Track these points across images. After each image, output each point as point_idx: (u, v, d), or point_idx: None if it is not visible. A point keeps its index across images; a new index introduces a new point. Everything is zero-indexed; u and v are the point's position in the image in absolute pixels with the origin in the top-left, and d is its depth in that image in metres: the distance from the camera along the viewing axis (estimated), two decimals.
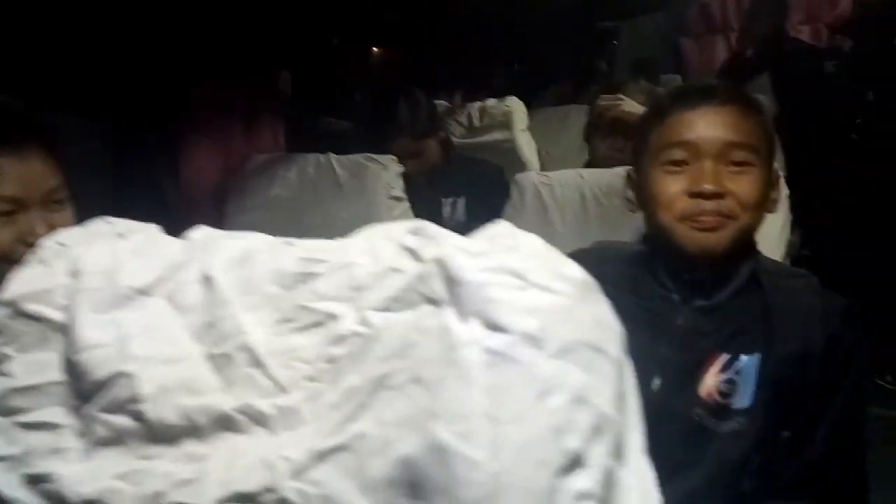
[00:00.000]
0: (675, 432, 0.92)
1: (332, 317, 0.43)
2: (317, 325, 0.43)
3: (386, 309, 0.41)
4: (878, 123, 2.54)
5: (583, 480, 0.32)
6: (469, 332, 0.36)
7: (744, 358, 0.91)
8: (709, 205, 0.90)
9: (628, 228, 1.13)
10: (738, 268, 0.95)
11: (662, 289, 0.98)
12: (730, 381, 0.91)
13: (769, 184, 0.95)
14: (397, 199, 1.57)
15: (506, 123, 2.18)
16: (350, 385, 0.39)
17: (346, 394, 0.39)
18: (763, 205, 0.94)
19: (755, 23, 2.96)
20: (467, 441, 0.33)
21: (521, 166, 2.12)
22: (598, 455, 0.33)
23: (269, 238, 0.52)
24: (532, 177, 1.55)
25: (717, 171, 0.90)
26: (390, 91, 1.90)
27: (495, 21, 3.33)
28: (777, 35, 2.87)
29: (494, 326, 0.35)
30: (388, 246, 0.43)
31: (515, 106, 2.18)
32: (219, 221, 1.69)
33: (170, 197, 1.76)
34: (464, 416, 0.33)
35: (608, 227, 1.44)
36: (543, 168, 2.24)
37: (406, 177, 1.73)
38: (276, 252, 0.49)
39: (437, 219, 1.80)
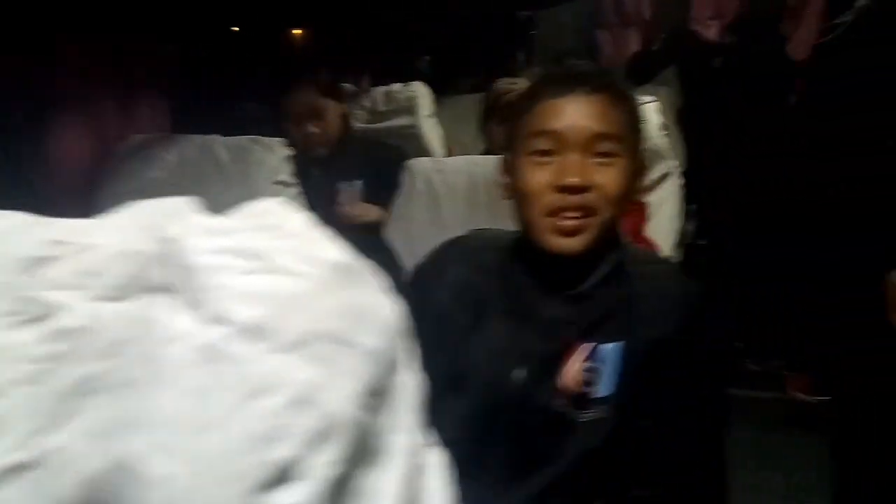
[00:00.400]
0: (537, 423, 0.91)
1: (57, 308, 0.37)
2: (41, 318, 0.37)
3: (113, 298, 0.35)
4: (766, 120, 2.65)
5: (293, 495, 0.28)
6: (185, 324, 0.30)
7: (606, 346, 0.91)
8: (574, 199, 0.89)
9: None
10: (604, 257, 0.95)
11: (530, 278, 0.96)
12: (592, 370, 0.90)
13: (636, 173, 0.94)
14: (284, 184, 1.50)
15: (410, 109, 2.12)
16: (56, 389, 0.33)
17: (50, 399, 0.33)
18: (628, 195, 0.94)
19: (660, 17, 3.03)
20: (158, 454, 0.27)
21: (426, 153, 2.08)
22: (320, 464, 0.29)
23: (29, 217, 0.45)
24: (424, 163, 1.51)
25: (583, 163, 0.89)
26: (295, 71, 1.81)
27: (412, 8, 3.27)
28: (680, 29, 2.95)
29: (214, 317, 0.30)
30: (136, 224, 0.38)
31: (420, 91, 2.13)
32: (91, 206, 1.57)
33: (36, 179, 1.61)
34: (159, 425, 0.28)
35: (498, 214, 1.41)
36: (451, 156, 2.21)
37: (303, 156, 1.66)
38: (25, 233, 0.42)
39: (333, 203, 1.75)
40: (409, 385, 0.39)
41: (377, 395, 0.35)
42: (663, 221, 1.93)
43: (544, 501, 0.90)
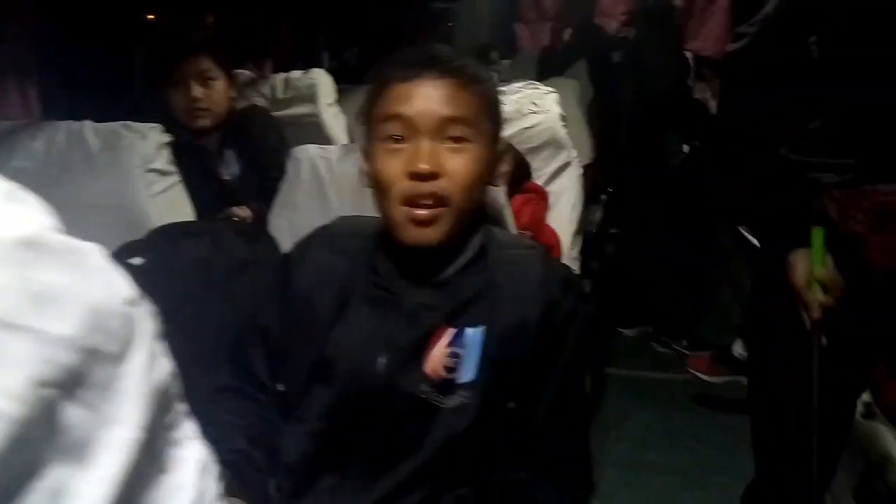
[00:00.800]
0: (403, 410, 0.89)
1: None
2: None
3: None
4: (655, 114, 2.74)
5: None
6: None
7: (469, 331, 0.90)
8: (426, 186, 0.87)
9: None
10: (467, 242, 0.94)
11: (394, 265, 0.94)
12: (455, 356, 0.89)
13: (492, 158, 0.93)
14: (161, 172, 1.42)
15: (311, 97, 2.07)
16: None
17: None
18: (484, 181, 0.92)
19: (567, 11, 3.08)
20: None
21: (328, 142, 2.03)
22: None
23: None
24: (309, 150, 1.46)
25: (434, 149, 0.87)
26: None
27: None
28: (587, 23, 3.00)
29: None
30: None
31: (321, 79, 2.08)
32: None
33: None
34: None
35: None
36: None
37: (186, 129, 1.59)
38: None
39: (215, 180, 1.69)
40: (136, 374, 0.35)
41: (70, 387, 0.31)
42: (564, 210, 1.96)
43: (412, 488, 0.88)
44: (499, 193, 1.25)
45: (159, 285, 1.15)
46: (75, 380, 0.32)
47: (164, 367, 0.39)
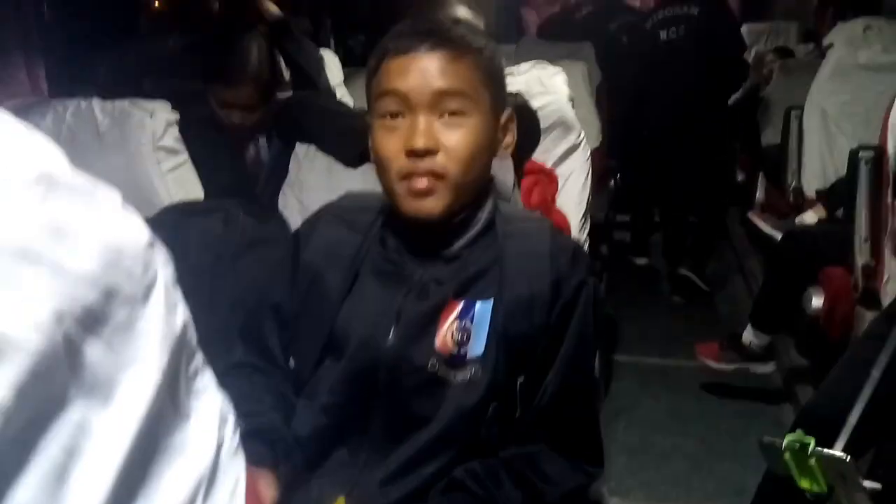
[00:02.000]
0: (412, 384, 0.88)
1: None
2: None
3: None
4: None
5: None
6: None
7: (478, 305, 0.89)
8: (423, 163, 0.85)
9: None
10: (475, 216, 0.93)
11: (402, 240, 0.94)
12: (464, 329, 0.89)
13: (494, 130, 0.91)
14: (169, 150, 1.41)
15: None
16: None
17: None
18: (486, 153, 0.91)
19: None
20: None
21: None
22: None
23: None
24: None
25: (430, 124, 0.85)
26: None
27: None
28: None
29: None
30: None
31: (328, 59, 2.07)
32: None
33: None
34: None
35: None
36: None
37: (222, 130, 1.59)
38: None
39: (241, 163, 1.68)
40: (157, 318, 0.35)
41: (91, 324, 0.31)
42: (573, 192, 1.95)
43: (423, 462, 0.88)
44: (508, 169, 1.24)
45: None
46: (96, 318, 0.31)
47: (183, 314, 0.38)
